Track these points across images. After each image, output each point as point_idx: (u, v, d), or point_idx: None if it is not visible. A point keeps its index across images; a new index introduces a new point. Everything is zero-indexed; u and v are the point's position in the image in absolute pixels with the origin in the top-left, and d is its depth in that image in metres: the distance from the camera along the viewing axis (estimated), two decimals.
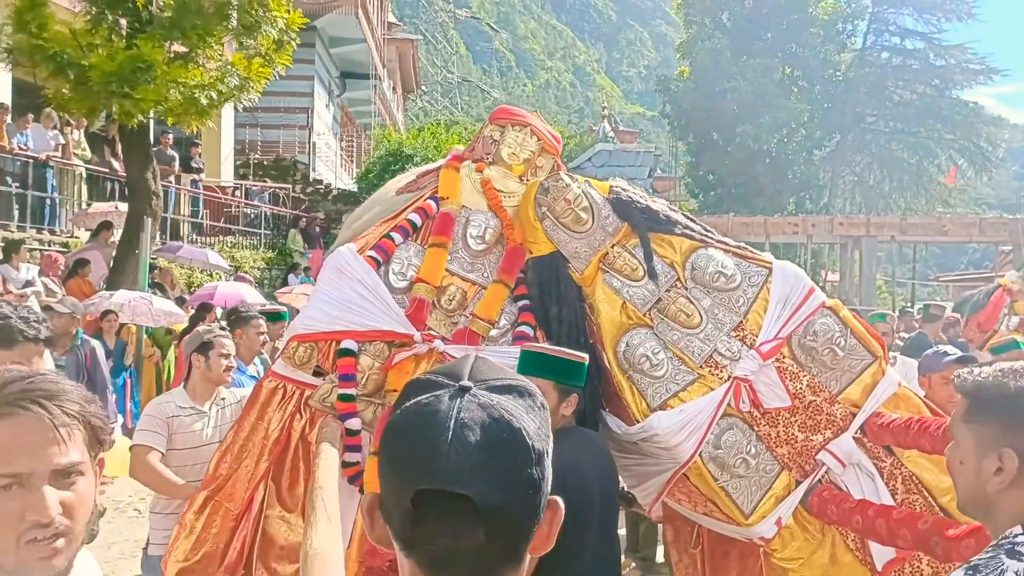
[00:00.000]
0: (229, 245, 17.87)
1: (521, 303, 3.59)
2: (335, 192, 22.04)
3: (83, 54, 9.66)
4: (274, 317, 6.87)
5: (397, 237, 3.56)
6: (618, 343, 3.48)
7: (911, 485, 3.47)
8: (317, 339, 3.40)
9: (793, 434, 3.44)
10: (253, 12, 10.34)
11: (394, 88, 29.61)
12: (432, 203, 3.67)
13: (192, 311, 10.94)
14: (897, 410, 3.51)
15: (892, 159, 31.91)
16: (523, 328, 3.54)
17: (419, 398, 1.04)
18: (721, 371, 3.43)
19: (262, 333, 5.82)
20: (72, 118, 12.66)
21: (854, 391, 3.50)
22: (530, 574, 1.09)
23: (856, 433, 3.48)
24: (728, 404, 3.38)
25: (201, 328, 4.42)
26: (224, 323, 4.37)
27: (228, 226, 18.78)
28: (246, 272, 16.02)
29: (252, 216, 19.74)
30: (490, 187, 3.73)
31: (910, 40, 31.83)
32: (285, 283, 17.26)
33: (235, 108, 14.28)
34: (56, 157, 13.20)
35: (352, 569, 3.24)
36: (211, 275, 15.00)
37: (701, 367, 3.44)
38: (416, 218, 3.63)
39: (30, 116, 12.82)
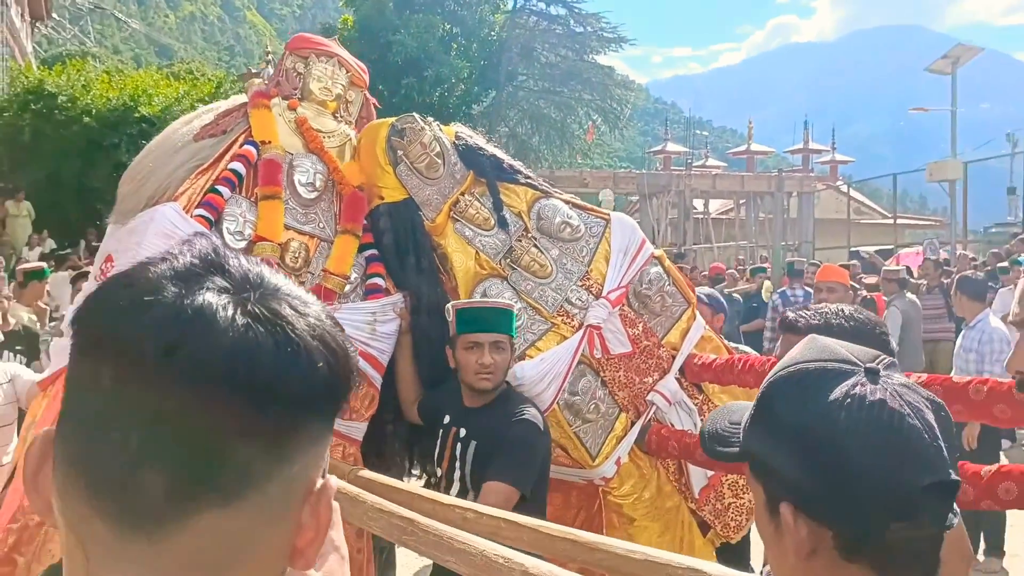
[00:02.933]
0: None
1: (368, 253, 3.37)
2: None
3: None
4: (37, 275, 5.92)
5: (224, 191, 3.12)
6: (472, 294, 3.40)
7: None
8: None
9: (631, 377, 3.60)
10: None
11: (22, 15, 25.81)
12: (251, 148, 3.27)
13: None
14: (703, 351, 3.83)
15: (540, 116, 34.07)
16: (375, 280, 3.32)
17: (840, 388, 0.97)
18: (572, 320, 3.49)
19: None
20: None
21: (674, 335, 3.73)
22: None
23: (676, 374, 3.74)
24: (582, 352, 3.46)
25: None
26: None
27: None
28: None
29: None
30: (308, 127, 3.41)
31: (554, 7, 33.92)
32: None
33: None
34: None
35: None
36: None
37: (554, 316, 3.47)
38: (239, 167, 3.20)
39: None
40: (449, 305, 3.12)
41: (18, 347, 5.58)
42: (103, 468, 0.62)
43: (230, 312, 0.64)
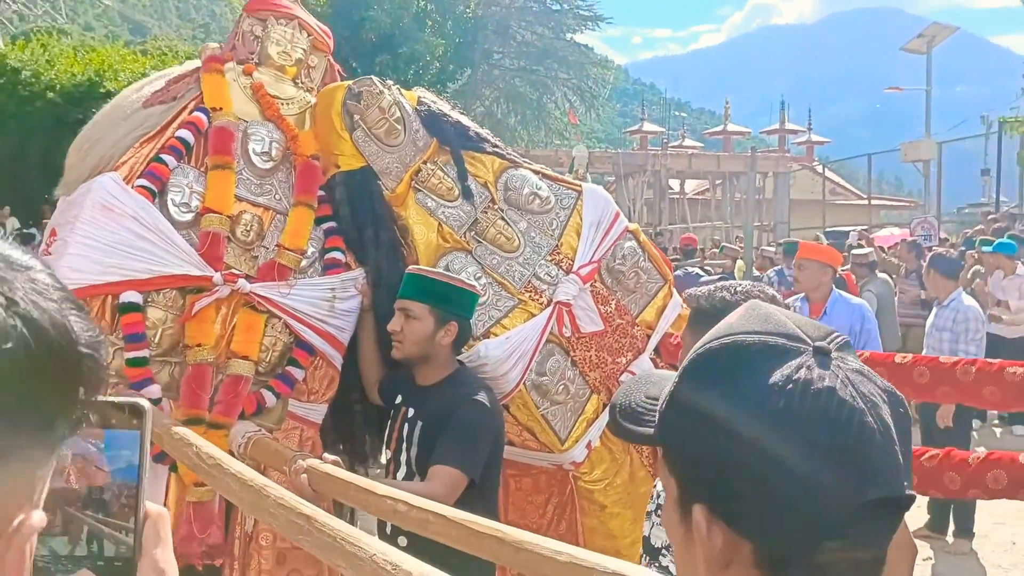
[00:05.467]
0: None
1: (326, 226, 3.20)
2: None
3: None
4: None
5: (170, 160, 2.94)
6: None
7: None
8: (88, 295, 2.71)
9: (603, 357, 3.46)
10: None
11: None
12: (201, 115, 3.09)
13: None
14: (680, 330, 3.70)
15: (516, 95, 33.84)
16: (334, 254, 3.16)
17: (782, 370, 0.78)
18: (540, 296, 3.34)
19: None
20: None
21: (649, 313, 3.60)
22: None
23: (651, 354, 3.61)
24: (551, 330, 3.31)
25: None
26: None
27: None
28: None
29: None
30: (264, 93, 3.23)
31: None
32: None
33: None
34: None
35: None
36: None
37: (521, 292, 3.31)
38: (187, 135, 3.02)
39: None
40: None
41: None
42: None
43: None
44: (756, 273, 11.31)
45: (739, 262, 13.03)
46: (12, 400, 0.51)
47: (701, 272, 4.56)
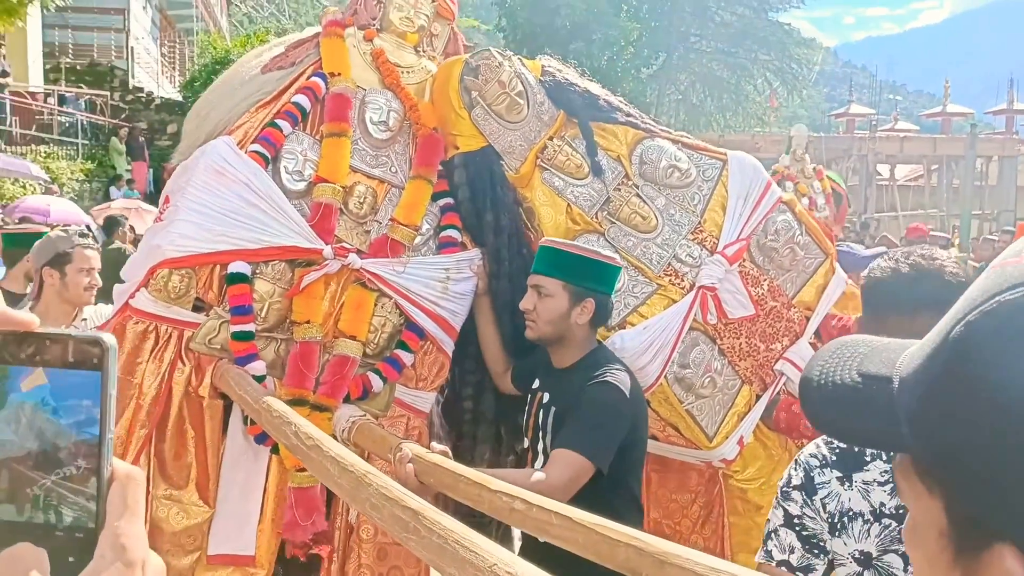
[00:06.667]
0: (43, 155, 16.12)
1: (442, 202, 3.00)
2: (158, 101, 20.20)
3: None
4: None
5: (285, 126, 2.83)
6: None
7: None
8: (196, 263, 2.66)
9: (755, 345, 3.11)
10: None
11: None
12: (319, 80, 2.96)
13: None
14: (845, 310, 3.32)
15: (713, 78, 32.78)
16: (450, 232, 2.97)
17: None
18: (681, 280, 3.02)
19: None
20: None
21: (808, 292, 3.25)
22: None
23: (811, 338, 3.23)
24: (694, 317, 2.98)
25: (54, 234, 3.51)
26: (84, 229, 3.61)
27: (40, 135, 16.92)
28: (63, 184, 14.62)
29: (67, 125, 17.88)
30: (385, 60, 3.05)
31: None
32: (107, 196, 15.66)
33: (43, 7, 12.78)
34: None
35: (269, 543, 2.66)
36: (24, 187, 13.48)
37: (660, 276, 3.01)
38: (303, 100, 2.89)
39: None
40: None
41: None
42: None
43: None
44: (975, 264, 10.47)
45: (953, 250, 11.97)
46: None
47: (852, 247, 4.09)
